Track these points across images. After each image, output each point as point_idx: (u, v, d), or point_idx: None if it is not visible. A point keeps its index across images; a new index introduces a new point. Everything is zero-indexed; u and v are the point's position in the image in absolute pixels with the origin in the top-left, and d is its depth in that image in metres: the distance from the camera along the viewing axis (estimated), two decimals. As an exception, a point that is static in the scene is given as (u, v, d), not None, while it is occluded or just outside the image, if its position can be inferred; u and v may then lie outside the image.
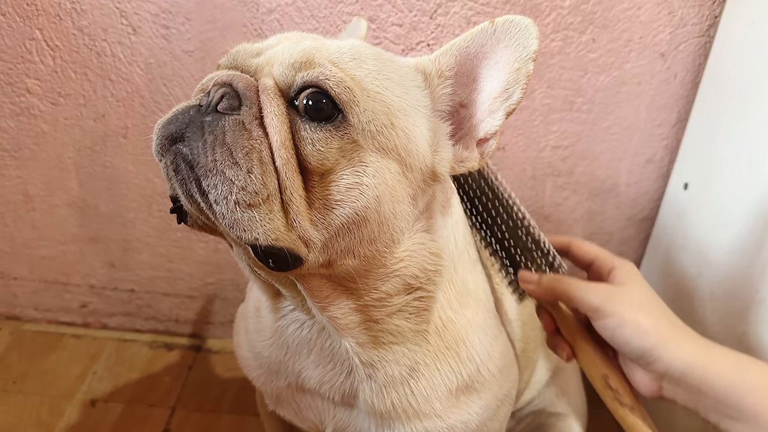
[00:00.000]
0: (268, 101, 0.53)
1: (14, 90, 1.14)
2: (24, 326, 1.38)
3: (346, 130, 0.53)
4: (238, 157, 0.50)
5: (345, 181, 0.53)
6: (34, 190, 1.24)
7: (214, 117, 0.52)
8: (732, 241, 0.91)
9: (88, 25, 1.08)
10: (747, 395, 0.59)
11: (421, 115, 0.59)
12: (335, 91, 0.52)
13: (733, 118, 0.95)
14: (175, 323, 1.39)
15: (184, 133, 0.52)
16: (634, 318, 0.64)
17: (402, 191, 0.57)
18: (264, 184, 0.50)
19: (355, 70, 0.55)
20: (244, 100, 0.53)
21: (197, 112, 0.53)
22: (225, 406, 1.21)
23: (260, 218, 0.50)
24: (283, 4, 1.05)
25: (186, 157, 0.51)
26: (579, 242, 0.77)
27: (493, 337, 0.71)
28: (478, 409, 0.70)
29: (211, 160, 0.50)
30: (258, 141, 0.51)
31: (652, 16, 1.04)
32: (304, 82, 0.53)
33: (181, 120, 0.53)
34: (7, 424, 1.12)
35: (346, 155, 0.53)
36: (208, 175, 0.50)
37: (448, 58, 0.59)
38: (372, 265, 0.59)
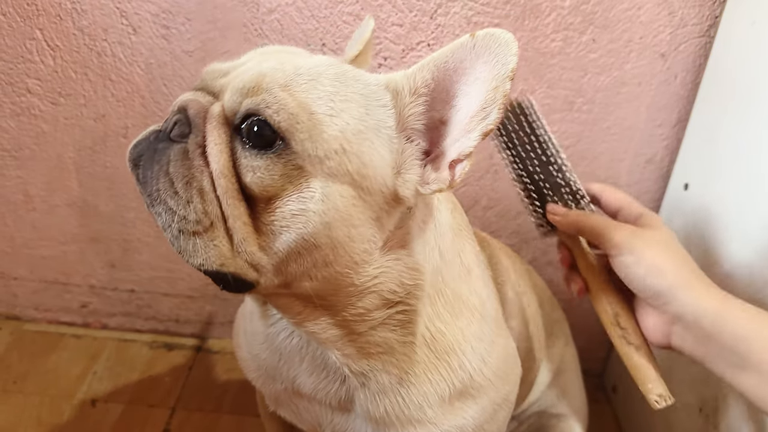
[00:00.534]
0: (211, 129, 0.53)
1: (15, 90, 1.14)
2: (24, 326, 1.38)
3: (289, 157, 0.52)
4: (178, 187, 0.52)
5: (290, 208, 0.52)
6: (34, 190, 1.24)
7: (164, 145, 0.54)
8: (732, 241, 0.91)
9: (88, 25, 1.08)
10: (757, 343, 0.59)
11: (382, 136, 0.56)
12: (274, 120, 0.51)
13: (734, 118, 0.95)
14: (175, 323, 1.39)
15: (141, 159, 0.55)
16: (654, 257, 0.65)
17: (359, 215, 0.55)
18: (205, 213, 0.52)
19: (308, 92, 0.53)
20: (192, 127, 0.54)
21: (155, 138, 0.55)
22: (225, 406, 1.21)
23: (203, 246, 0.52)
24: (283, 4, 1.05)
25: (140, 182, 0.54)
26: (610, 189, 0.79)
27: (489, 342, 0.70)
28: (474, 414, 0.69)
29: (155, 189, 0.52)
30: (198, 170, 0.52)
31: (653, 16, 1.04)
32: (247, 110, 0.52)
33: (142, 145, 0.56)
34: (7, 423, 1.12)
35: (292, 181, 0.52)
36: (153, 204, 0.53)
37: (424, 73, 0.56)
38: (337, 286, 0.58)
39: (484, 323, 0.70)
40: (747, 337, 0.59)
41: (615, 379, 1.31)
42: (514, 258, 0.98)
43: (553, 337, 1.01)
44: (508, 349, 0.75)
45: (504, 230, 1.23)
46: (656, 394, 0.68)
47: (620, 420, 1.26)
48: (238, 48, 1.08)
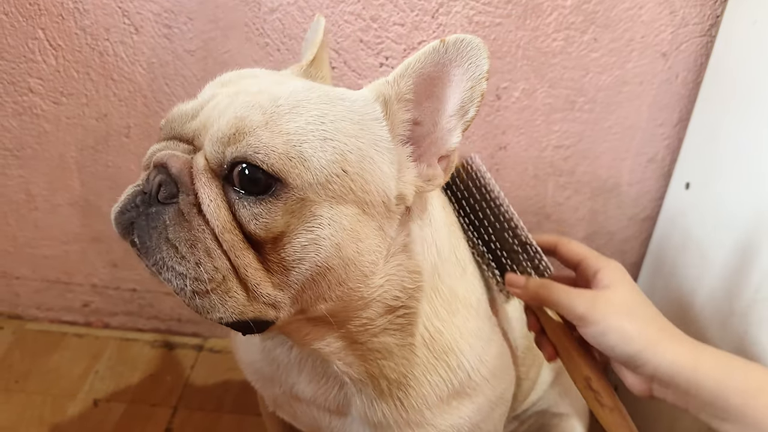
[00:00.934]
0: (201, 186, 0.52)
1: (17, 89, 1.14)
2: (26, 325, 1.38)
3: (289, 194, 0.51)
4: (184, 252, 0.51)
5: (299, 240, 0.52)
6: (36, 189, 1.24)
7: (156, 209, 0.53)
8: (733, 240, 0.91)
9: (90, 24, 1.08)
10: (734, 396, 0.59)
11: (380, 149, 0.57)
12: (266, 164, 0.50)
13: (735, 117, 0.95)
14: (177, 323, 1.39)
15: (134, 226, 0.54)
16: (619, 324, 0.64)
17: (364, 229, 0.56)
18: (215, 269, 0.51)
19: (294, 122, 0.52)
20: (180, 186, 0.52)
21: (142, 201, 0.54)
22: (227, 405, 1.22)
23: (220, 300, 0.52)
24: (285, 4, 1.05)
25: (140, 250, 0.53)
26: (566, 242, 0.76)
27: (486, 340, 0.71)
28: (470, 413, 0.70)
29: (159, 258, 0.51)
30: (199, 230, 0.51)
31: (654, 15, 1.04)
32: (234, 158, 0.51)
33: (130, 211, 0.54)
34: (9, 423, 1.12)
35: (295, 214, 0.52)
36: (161, 272, 0.52)
37: (406, 80, 0.57)
38: (349, 301, 0.58)
39: (480, 321, 0.71)
40: (722, 391, 0.59)
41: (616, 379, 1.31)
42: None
43: None
44: (503, 347, 0.75)
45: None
46: None
47: (622, 419, 1.26)
48: (239, 47, 1.08)
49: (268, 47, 1.08)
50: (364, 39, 1.07)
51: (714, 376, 0.60)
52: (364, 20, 1.06)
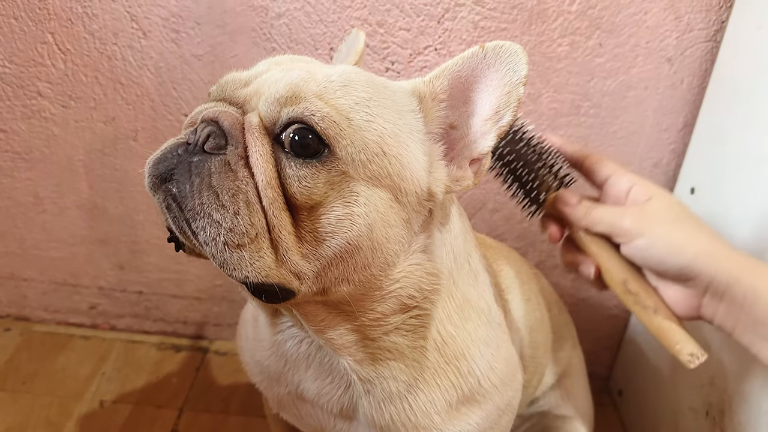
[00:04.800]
0: (253, 140, 0.53)
1: (26, 93, 1.15)
2: (33, 327, 1.39)
3: (333, 164, 0.53)
4: (225, 200, 0.51)
5: (335, 213, 0.53)
6: (44, 192, 1.25)
7: (201, 158, 0.52)
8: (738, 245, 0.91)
9: (99, 29, 1.09)
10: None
11: (415, 139, 0.59)
12: (320, 127, 0.52)
13: (740, 122, 0.95)
14: (183, 325, 1.39)
15: (173, 174, 0.53)
16: (667, 233, 0.61)
17: (395, 216, 0.57)
18: (251, 224, 0.51)
19: (344, 98, 0.54)
20: (229, 138, 0.53)
21: (185, 151, 0.53)
22: (233, 407, 1.22)
23: (249, 257, 0.52)
24: (291, 9, 1.06)
25: (176, 198, 0.52)
26: (595, 158, 0.74)
27: (495, 347, 0.71)
28: (479, 420, 0.70)
29: (198, 203, 0.51)
30: (244, 182, 0.52)
31: (659, 21, 1.04)
32: (289, 119, 0.52)
33: (170, 159, 0.53)
34: (16, 424, 1.13)
35: (335, 187, 0.53)
36: (196, 218, 0.51)
37: (441, 81, 0.60)
38: (368, 289, 0.59)
39: (491, 328, 0.71)
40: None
41: (621, 383, 1.31)
42: (521, 262, 0.98)
43: (561, 340, 1.01)
44: (511, 354, 0.75)
45: (510, 233, 1.23)
46: (687, 353, 0.64)
47: (626, 424, 1.26)
48: (246, 52, 1.09)
49: (275, 52, 1.09)
50: (371, 44, 1.08)
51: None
52: (370, 25, 1.06)
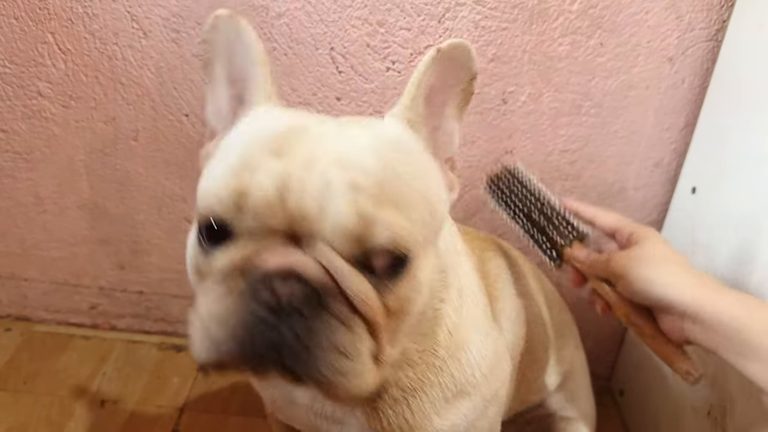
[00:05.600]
0: (354, 285, 0.49)
1: (26, 93, 1.15)
2: (34, 327, 1.39)
3: (414, 262, 0.52)
4: (349, 352, 0.49)
5: (410, 298, 0.54)
6: (45, 192, 1.25)
7: (308, 324, 0.48)
8: (740, 245, 0.91)
9: (99, 29, 1.09)
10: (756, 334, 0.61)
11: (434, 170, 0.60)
12: (404, 248, 0.50)
13: (742, 122, 0.95)
14: (183, 325, 1.38)
15: (281, 347, 0.48)
16: (641, 273, 0.70)
17: (435, 258, 0.58)
18: (368, 355, 0.51)
19: (393, 191, 0.51)
20: (326, 291, 0.49)
21: (273, 315, 0.47)
22: (233, 407, 1.22)
23: (362, 381, 0.51)
24: (292, 9, 1.06)
25: (293, 370, 0.49)
26: (602, 215, 0.84)
27: (485, 334, 0.71)
28: (467, 411, 0.70)
29: (326, 367, 0.48)
30: (358, 327, 0.50)
31: (660, 20, 1.04)
32: (371, 251, 0.49)
33: (258, 329, 0.48)
34: (17, 423, 1.13)
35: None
36: (325, 378, 0.48)
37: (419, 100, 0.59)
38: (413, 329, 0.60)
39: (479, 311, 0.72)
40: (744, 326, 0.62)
41: (622, 383, 1.31)
42: (522, 260, 0.98)
43: (563, 339, 1.01)
44: (498, 343, 0.75)
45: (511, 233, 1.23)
46: (683, 371, 0.71)
47: (627, 424, 1.26)
48: (247, 52, 1.09)
49: (276, 52, 1.09)
50: (371, 43, 1.08)
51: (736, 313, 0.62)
52: (371, 25, 1.06)
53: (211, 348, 0.49)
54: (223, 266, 0.50)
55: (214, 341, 0.49)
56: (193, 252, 0.55)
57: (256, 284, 0.48)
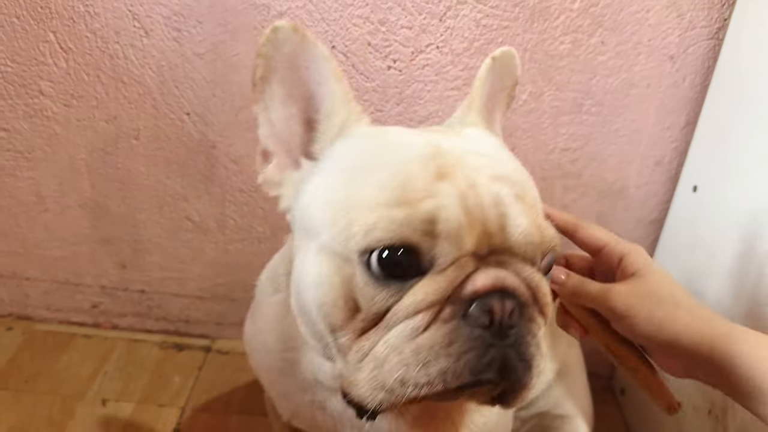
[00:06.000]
0: (546, 294, 0.53)
1: (28, 92, 1.15)
2: (36, 326, 1.39)
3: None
4: (546, 358, 0.52)
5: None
6: (46, 191, 1.25)
7: (516, 338, 0.50)
8: (741, 243, 0.91)
9: (100, 27, 1.09)
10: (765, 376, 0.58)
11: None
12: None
13: (743, 120, 0.95)
14: (185, 324, 1.39)
15: (504, 366, 0.49)
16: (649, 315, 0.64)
17: None
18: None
19: (532, 188, 0.57)
20: (528, 301, 0.51)
21: (492, 334, 0.49)
22: (235, 406, 1.22)
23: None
24: (293, 7, 1.06)
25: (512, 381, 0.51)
26: (586, 226, 0.74)
27: None
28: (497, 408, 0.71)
29: (535, 372, 0.51)
30: (539, 328, 0.53)
31: (661, 18, 1.04)
32: (545, 254, 0.54)
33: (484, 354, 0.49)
34: (19, 423, 1.13)
35: None
36: (530, 387, 0.51)
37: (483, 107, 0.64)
38: None
39: None
40: (754, 372, 0.58)
41: (623, 382, 1.31)
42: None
43: (553, 337, 1.01)
44: None
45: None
46: (666, 405, 0.69)
47: (628, 423, 1.25)
48: (248, 50, 1.09)
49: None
50: (372, 42, 1.08)
51: (746, 358, 0.59)
52: (372, 23, 1.06)
53: (418, 384, 0.48)
54: (425, 296, 0.49)
55: (430, 374, 0.47)
56: (360, 290, 0.50)
57: (471, 308, 0.48)
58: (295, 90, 0.58)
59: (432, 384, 0.47)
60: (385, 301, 0.49)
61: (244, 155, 1.18)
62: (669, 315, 0.63)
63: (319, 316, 0.52)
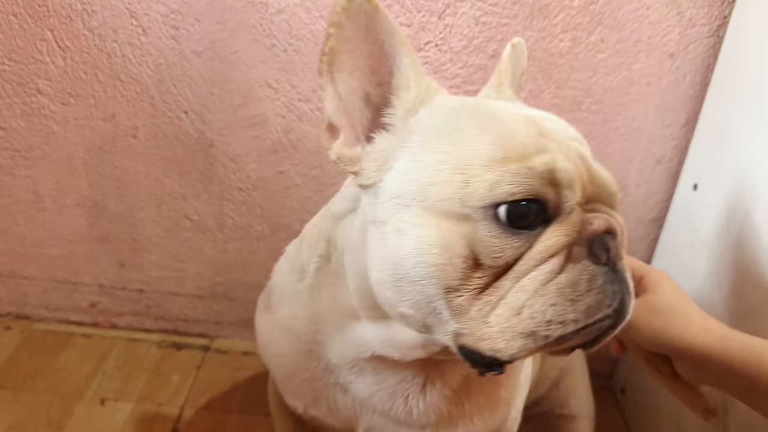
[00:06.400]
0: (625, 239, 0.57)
1: (25, 90, 1.14)
2: (34, 325, 1.39)
3: None
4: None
5: None
6: (44, 189, 1.24)
7: (620, 274, 0.54)
8: (741, 241, 0.91)
9: (98, 26, 1.08)
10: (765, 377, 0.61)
11: None
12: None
13: (743, 118, 0.94)
14: (183, 323, 1.39)
15: (624, 301, 0.53)
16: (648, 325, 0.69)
17: None
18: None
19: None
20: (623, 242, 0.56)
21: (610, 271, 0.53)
22: (234, 405, 1.22)
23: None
24: (291, 5, 1.05)
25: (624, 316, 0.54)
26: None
27: None
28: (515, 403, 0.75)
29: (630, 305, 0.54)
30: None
31: (661, 16, 1.04)
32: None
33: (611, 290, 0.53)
34: (17, 422, 1.13)
35: None
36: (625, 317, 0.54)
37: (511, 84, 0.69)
38: None
39: None
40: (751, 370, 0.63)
41: (623, 381, 1.31)
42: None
43: None
44: None
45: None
46: (702, 410, 0.73)
47: (629, 422, 1.25)
48: (246, 48, 1.09)
49: (275, 48, 1.09)
50: (371, 40, 1.07)
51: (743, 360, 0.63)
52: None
53: (565, 321, 0.50)
54: (557, 240, 0.52)
55: (577, 310, 0.51)
56: (484, 244, 0.51)
57: (594, 248, 0.52)
58: (366, 62, 0.58)
59: (578, 321, 0.50)
60: (514, 251, 0.51)
61: (242, 154, 1.18)
62: (665, 323, 0.68)
63: (431, 281, 0.52)
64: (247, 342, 1.37)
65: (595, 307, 0.51)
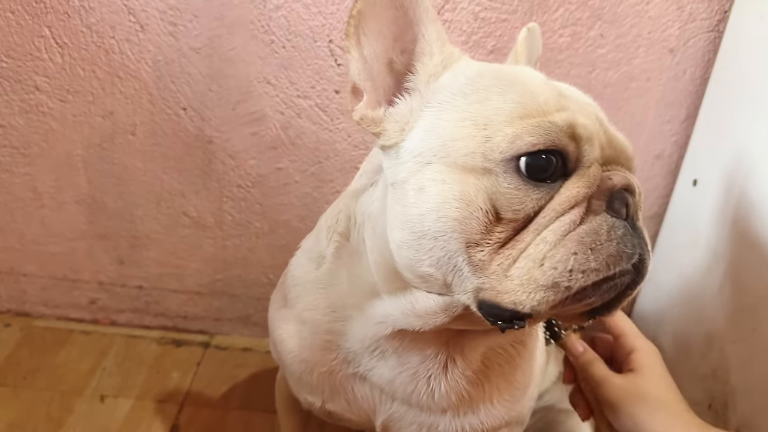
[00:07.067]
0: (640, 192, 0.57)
1: (23, 87, 1.14)
2: (34, 322, 1.39)
3: None
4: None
5: None
6: (43, 187, 1.24)
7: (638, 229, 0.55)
8: (741, 237, 0.91)
9: (96, 22, 1.08)
10: None
11: None
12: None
13: (743, 113, 0.94)
14: (183, 320, 1.39)
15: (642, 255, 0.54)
16: (635, 413, 0.69)
17: None
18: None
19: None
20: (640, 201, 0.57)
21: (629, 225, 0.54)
22: (234, 402, 1.22)
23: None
24: (290, 1, 1.05)
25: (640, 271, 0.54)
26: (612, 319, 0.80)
27: None
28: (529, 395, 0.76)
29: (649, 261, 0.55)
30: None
31: (661, 11, 1.04)
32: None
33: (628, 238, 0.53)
34: (17, 419, 1.13)
35: None
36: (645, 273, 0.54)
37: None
38: None
39: None
40: None
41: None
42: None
43: None
44: None
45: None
46: None
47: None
48: (245, 44, 1.08)
49: (274, 44, 1.08)
50: (370, 36, 1.07)
51: None
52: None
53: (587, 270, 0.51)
54: (578, 191, 0.52)
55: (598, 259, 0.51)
56: (506, 197, 0.52)
57: (614, 202, 0.53)
58: (390, 27, 0.59)
59: (599, 270, 0.50)
60: (535, 203, 0.52)
61: (241, 150, 1.18)
62: (648, 417, 0.68)
63: (452, 236, 0.53)
64: (246, 338, 1.37)
65: (616, 257, 0.51)
